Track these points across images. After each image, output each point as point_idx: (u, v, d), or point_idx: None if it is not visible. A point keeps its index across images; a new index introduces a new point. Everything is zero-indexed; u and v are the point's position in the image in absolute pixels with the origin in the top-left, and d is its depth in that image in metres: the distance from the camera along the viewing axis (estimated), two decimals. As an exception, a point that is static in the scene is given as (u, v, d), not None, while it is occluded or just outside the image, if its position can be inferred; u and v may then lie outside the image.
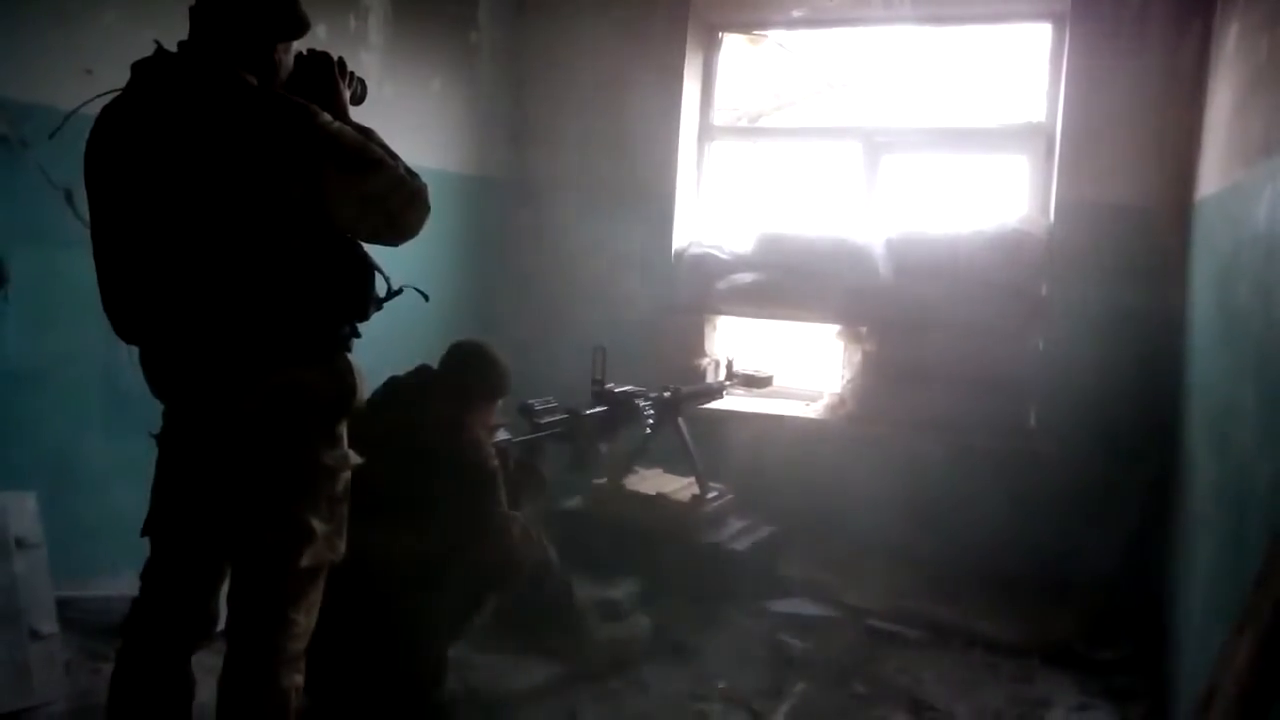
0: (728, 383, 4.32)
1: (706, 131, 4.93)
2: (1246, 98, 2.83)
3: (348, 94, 2.15)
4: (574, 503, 4.07)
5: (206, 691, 2.13)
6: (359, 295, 2.08)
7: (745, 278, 4.55)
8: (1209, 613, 2.59)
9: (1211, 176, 3.27)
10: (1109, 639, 3.60)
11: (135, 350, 2.09)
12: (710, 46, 4.91)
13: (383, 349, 2.40)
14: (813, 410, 4.57)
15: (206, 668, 2.17)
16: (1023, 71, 4.51)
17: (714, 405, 4.33)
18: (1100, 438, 3.95)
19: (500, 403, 3.04)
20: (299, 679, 2.08)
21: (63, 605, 2.91)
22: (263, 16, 2.00)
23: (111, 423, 3.16)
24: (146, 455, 2.14)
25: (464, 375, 2.94)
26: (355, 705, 2.68)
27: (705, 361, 4.78)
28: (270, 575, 2.06)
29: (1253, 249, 2.44)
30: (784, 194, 4.99)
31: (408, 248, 2.09)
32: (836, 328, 4.50)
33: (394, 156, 2.03)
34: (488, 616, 3.10)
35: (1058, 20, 4.28)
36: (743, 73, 5.02)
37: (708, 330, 4.84)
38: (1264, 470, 2.14)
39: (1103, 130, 3.99)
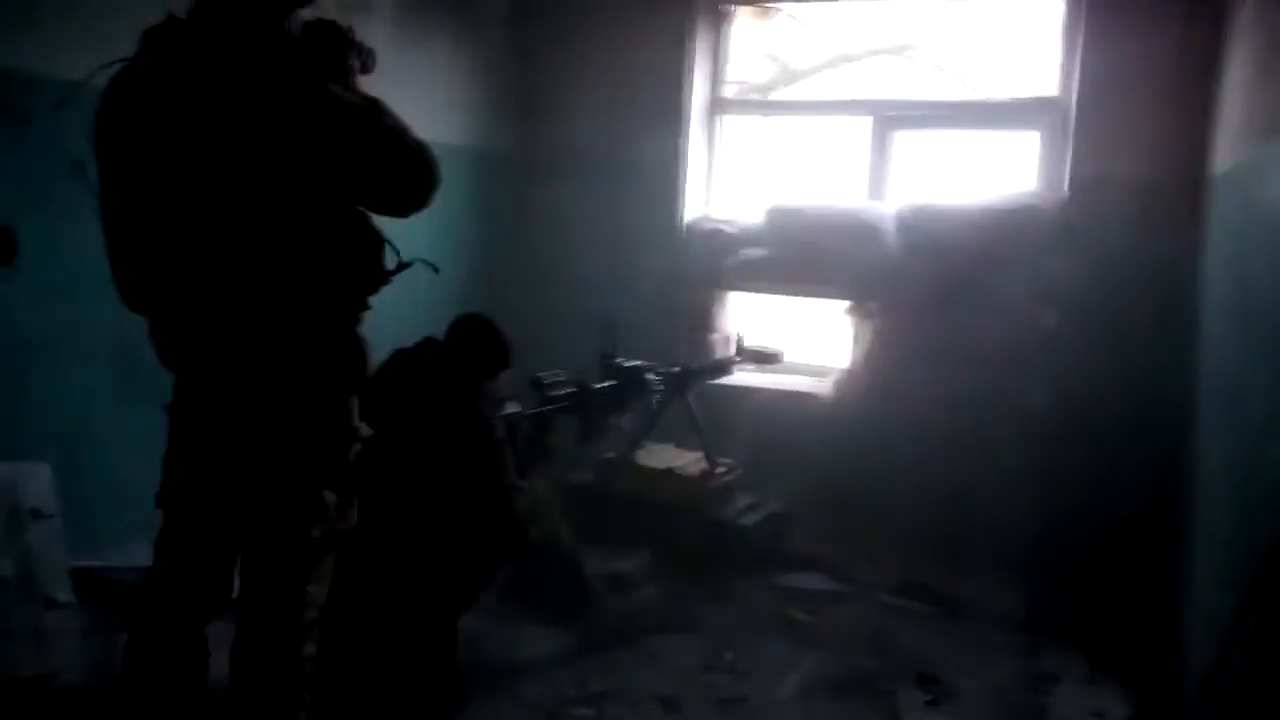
0: (737, 358, 4.32)
1: (716, 105, 4.89)
2: (1263, 71, 2.80)
3: (356, 64, 2.13)
4: (584, 476, 4.08)
5: (220, 662, 2.15)
6: (368, 268, 2.08)
7: (755, 253, 4.54)
8: (1219, 588, 2.59)
9: (1227, 151, 3.24)
10: (1118, 614, 3.61)
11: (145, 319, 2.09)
12: (720, 19, 4.87)
13: (391, 322, 2.40)
14: (822, 386, 4.56)
15: (221, 638, 2.19)
16: (1036, 45, 4.46)
17: (723, 381, 4.33)
18: (1111, 413, 3.94)
19: (505, 375, 3.04)
20: (312, 648, 2.10)
21: (78, 575, 2.93)
22: (272, -14, 1.99)
23: (125, 393, 3.17)
24: (160, 425, 2.15)
25: (468, 348, 2.95)
26: (366, 675, 2.70)
27: (715, 337, 4.78)
28: (282, 546, 2.07)
29: (1268, 226, 2.42)
30: (794, 169, 4.96)
31: (416, 221, 2.09)
32: (846, 304, 4.49)
33: (403, 127, 2.02)
34: (497, 587, 3.12)
35: (1072, -8, 4.23)
36: (753, 46, 4.97)
37: (717, 306, 4.83)
38: (1275, 447, 2.13)
39: (1117, 104, 3.95)
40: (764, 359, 4.33)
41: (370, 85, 2.16)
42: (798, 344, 4.69)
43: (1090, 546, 3.89)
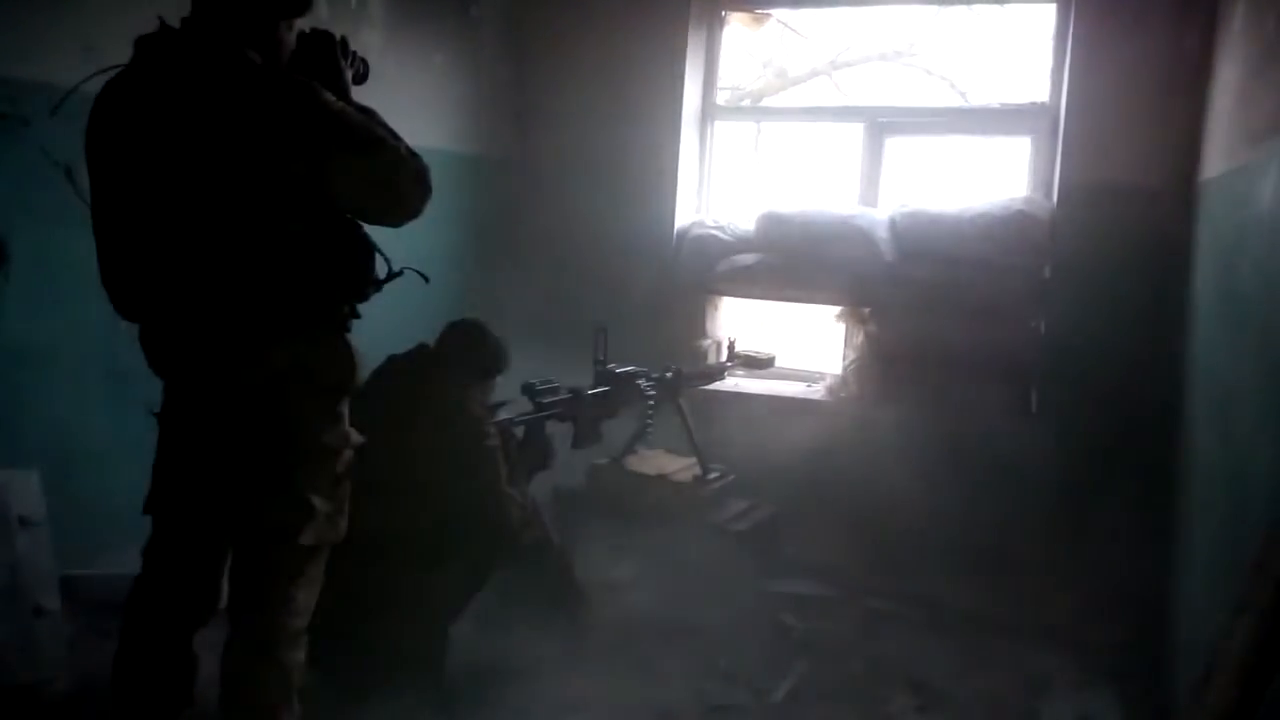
0: (729, 363, 4.32)
1: (709, 111, 4.90)
2: (1253, 77, 2.81)
3: (349, 73, 2.14)
4: (575, 483, 4.07)
5: (209, 669, 2.14)
6: (359, 276, 2.08)
7: (747, 258, 4.54)
8: (1208, 594, 2.60)
9: (1217, 157, 3.25)
10: (1109, 620, 3.61)
11: (136, 327, 2.09)
12: (714, 25, 4.87)
13: (383, 329, 2.40)
14: (814, 391, 4.57)
15: (210, 645, 2.18)
16: (1027, 51, 4.49)
17: (716, 386, 4.33)
18: (1101, 420, 3.94)
19: (496, 380, 3.04)
20: (301, 656, 2.10)
21: (67, 582, 2.92)
22: (265, -6, 1.99)
23: (115, 400, 3.15)
24: (149, 433, 2.14)
25: (460, 353, 2.95)
26: (358, 682, 2.69)
27: (707, 342, 4.78)
28: (272, 553, 2.06)
29: (1257, 231, 2.43)
30: (787, 175, 4.97)
31: (408, 228, 2.09)
32: (839, 309, 4.50)
33: (395, 137, 2.03)
34: (489, 594, 3.12)
35: (1063, -1, 4.25)
36: (746, 52, 4.99)
37: (709, 311, 4.83)
38: (1265, 452, 2.14)
39: (1107, 110, 3.97)
40: (756, 364, 4.33)
41: (364, 91, 2.17)
42: (790, 349, 4.69)
43: (1081, 552, 3.90)
